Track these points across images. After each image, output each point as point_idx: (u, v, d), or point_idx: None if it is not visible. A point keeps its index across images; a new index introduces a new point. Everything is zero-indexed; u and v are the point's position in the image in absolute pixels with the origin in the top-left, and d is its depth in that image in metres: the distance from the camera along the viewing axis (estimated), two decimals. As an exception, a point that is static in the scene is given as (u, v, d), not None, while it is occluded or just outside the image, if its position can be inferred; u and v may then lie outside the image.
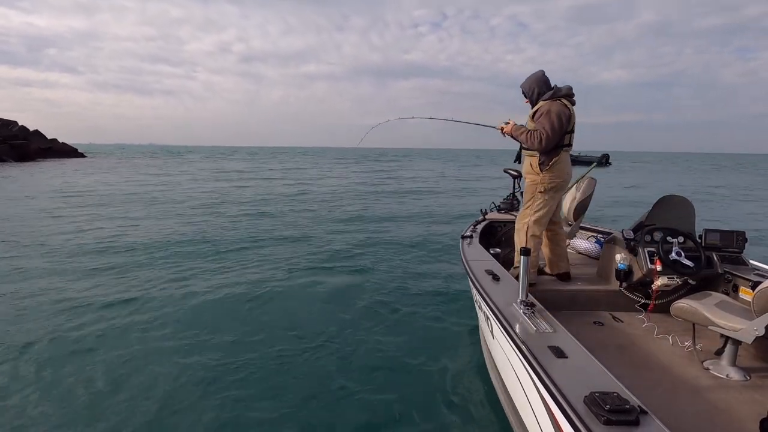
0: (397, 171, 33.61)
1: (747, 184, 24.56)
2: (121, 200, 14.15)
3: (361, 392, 3.23)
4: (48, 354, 3.78)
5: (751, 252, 3.35)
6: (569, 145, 3.36)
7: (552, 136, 3.18)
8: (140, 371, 3.51)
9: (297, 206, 13.42)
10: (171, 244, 7.93)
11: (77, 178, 22.83)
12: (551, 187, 3.36)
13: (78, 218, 10.58)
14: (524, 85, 3.46)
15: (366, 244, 8.32)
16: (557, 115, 3.17)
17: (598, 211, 10.69)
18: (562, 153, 3.32)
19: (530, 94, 3.42)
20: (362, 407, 3.06)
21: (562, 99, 3.26)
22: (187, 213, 11.69)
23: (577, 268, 4.07)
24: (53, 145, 45.01)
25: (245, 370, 3.52)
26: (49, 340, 4.02)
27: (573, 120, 3.30)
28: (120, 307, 4.84)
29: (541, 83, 3.37)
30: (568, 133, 3.31)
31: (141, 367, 3.58)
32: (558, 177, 3.35)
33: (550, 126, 3.16)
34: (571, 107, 3.28)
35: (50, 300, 5.01)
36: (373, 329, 4.30)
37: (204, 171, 31.01)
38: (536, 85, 3.38)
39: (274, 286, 5.64)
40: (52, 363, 3.63)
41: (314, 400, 3.14)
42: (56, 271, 6.21)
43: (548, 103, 3.25)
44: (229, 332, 4.21)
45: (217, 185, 20.23)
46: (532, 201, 3.42)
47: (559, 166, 3.33)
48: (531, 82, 3.41)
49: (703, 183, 25.06)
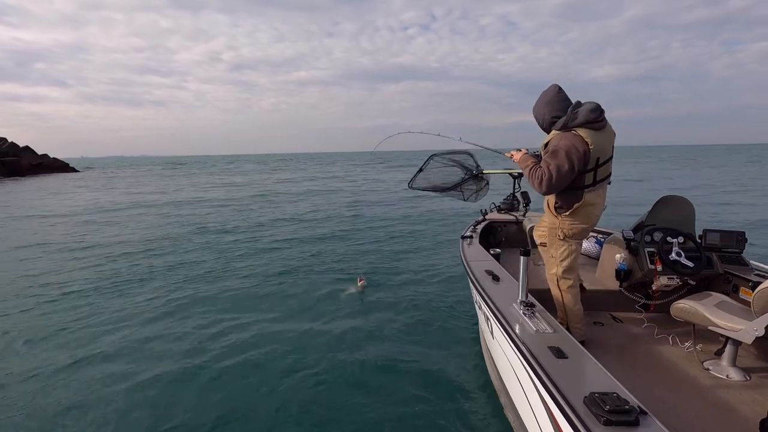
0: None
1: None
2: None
3: (361, 392, 3.22)
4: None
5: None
6: (596, 184, 2.63)
7: (557, 179, 2.52)
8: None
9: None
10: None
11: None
12: (572, 234, 2.73)
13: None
14: (534, 111, 2.79)
15: (367, 243, 8.32)
16: (566, 154, 2.49)
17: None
18: (587, 195, 2.61)
19: (542, 122, 2.76)
20: (362, 407, 3.06)
21: (579, 129, 2.53)
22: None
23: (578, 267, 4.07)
24: (44, 161, 44.50)
25: (247, 366, 3.53)
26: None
27: (600, 151, 2.55)
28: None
29: (554, 106, 2.67)
30: (592, 170, 2.57)
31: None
32: (582, 222, 2.70)
33: (556, 167, 2.51)
34: (596, 135, 2.52)
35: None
36: (373, 329, 4.30)
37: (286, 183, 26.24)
38: (547, 110, 2.70)
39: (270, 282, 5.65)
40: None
41: (315, 399, 3.14)
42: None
43: (558, 137, 2.59)
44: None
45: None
46: (555, 249, 2.82)
47: (582, 211, 2.65)
48: (541, 106, 2.74)
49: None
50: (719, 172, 26.81)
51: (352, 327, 4.34)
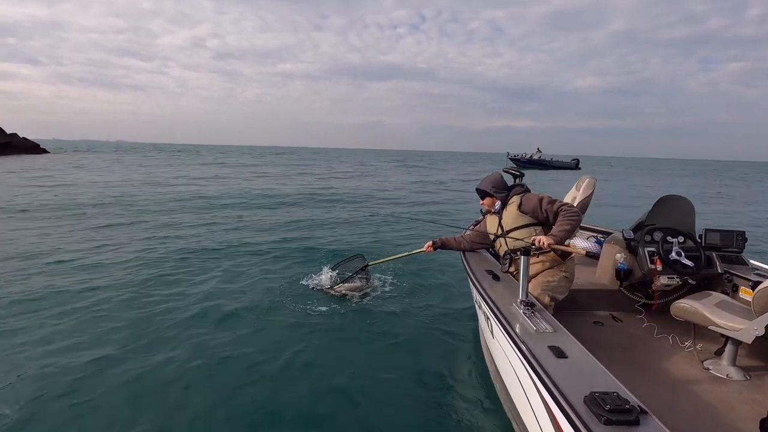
0: (435, 175, 32.29)
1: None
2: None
3: (360, 392, 3.21)
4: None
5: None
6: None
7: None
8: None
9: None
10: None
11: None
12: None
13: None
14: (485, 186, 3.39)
15: (367, 243, 8.32)
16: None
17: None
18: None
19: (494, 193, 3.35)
20: (362, 407, 3.05)
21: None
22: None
23: (577, 268, 4.07)
24: (12, 140, 41.89)
25: (250, 376, 3.52)
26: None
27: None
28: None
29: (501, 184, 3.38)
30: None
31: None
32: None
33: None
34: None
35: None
36: (372, 329, 4.30)
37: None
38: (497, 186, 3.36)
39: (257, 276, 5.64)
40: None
41: (312, 398, 3.13)
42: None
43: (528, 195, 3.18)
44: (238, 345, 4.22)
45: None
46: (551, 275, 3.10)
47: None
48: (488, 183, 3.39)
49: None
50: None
51: (351, 326, 4.34)
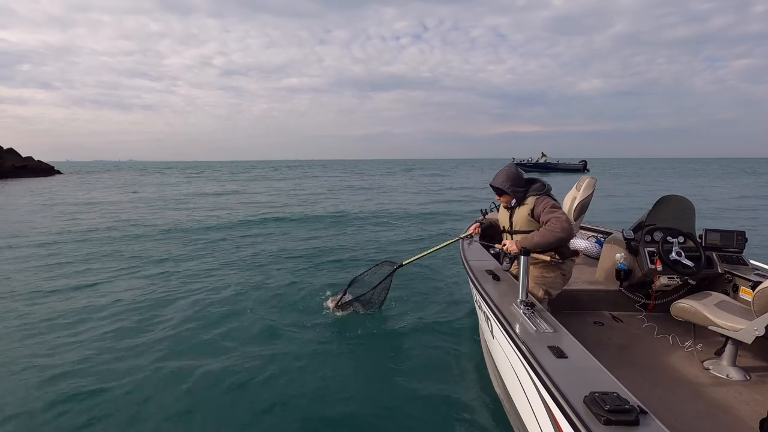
0: (446, 181, 32.87)
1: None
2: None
3: (360, 392, 3.22)
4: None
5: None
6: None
7: (569, 222, 2.77)
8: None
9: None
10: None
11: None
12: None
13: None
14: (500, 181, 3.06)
15: (366, 241, 8.32)
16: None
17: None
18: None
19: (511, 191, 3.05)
20: (362, 407, 3.05)
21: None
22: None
23: (577, 268, 4.07)
24: (28, 164, 44.11)
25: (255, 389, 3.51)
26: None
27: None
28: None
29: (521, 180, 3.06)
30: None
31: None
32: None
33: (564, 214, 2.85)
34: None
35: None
36: (372, 328, 4.29)
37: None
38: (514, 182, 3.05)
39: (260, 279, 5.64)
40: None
41: (311, 398, 3.14)
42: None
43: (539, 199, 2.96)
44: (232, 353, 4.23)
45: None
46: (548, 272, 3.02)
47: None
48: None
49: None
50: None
51: (351, 326, 4.34)
